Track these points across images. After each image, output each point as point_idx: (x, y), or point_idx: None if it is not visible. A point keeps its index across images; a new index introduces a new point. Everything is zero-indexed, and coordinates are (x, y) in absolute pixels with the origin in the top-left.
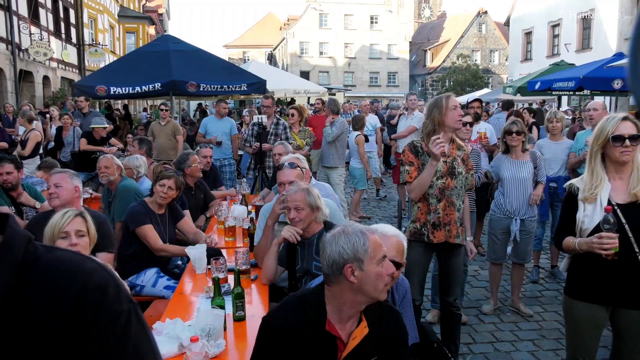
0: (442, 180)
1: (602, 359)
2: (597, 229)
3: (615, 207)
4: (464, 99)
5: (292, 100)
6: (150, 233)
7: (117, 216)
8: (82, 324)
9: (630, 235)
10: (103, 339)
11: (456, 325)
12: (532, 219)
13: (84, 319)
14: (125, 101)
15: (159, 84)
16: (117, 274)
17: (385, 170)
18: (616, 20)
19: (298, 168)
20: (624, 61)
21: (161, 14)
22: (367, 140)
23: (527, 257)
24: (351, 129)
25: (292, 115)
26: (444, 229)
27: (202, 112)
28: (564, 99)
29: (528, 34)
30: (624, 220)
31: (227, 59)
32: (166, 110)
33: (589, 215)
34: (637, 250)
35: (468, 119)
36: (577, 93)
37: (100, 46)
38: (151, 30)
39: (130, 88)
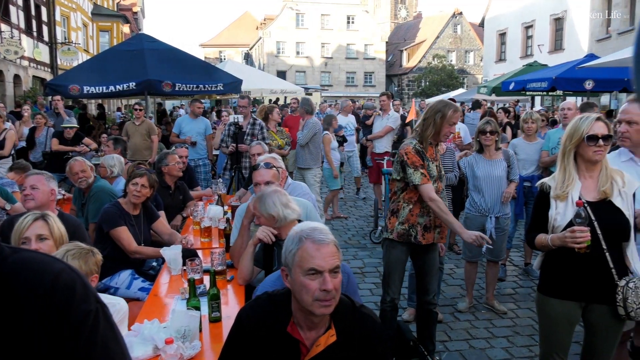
0: (435, 184)
1: (573, 354)
2: (569, 226)
3: (585, 205)
4: (440, 99)
5: (277, 100)
6: (124, 235)
7: (91, 217)
8: (49, 324)
9: (599, 232)
10: (71, 338)
11: (433, 324)
12: (506, 217)
13: (51, 319)
14: (100, 101)
15: (134, 83)
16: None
17: (362, 170)
18: (588, 22)
19: (274, 168)
20: (595, 62)
21: (136, 13)
22: (345, 140)
23: (501, 255)
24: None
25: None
26: (434, 231)
27: (162, 112)
28: (537, 99)
29: (502, 34)
30: (593, 218)
31: (203, 58)
32: (140, 110)
33: (560, 212)
34: (604, 247)
35: None
36: (550, 93)
37: (73, 45)
38: (125, 28)
39: (104, 87)
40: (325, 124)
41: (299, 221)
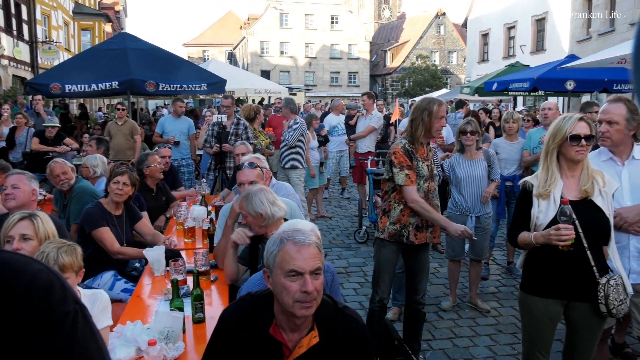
0: (426, 184)
1: (555, 352)
2: (552, 224)
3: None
4: (424, 97)
5: (262, 100)
6: (106, 236)
7: (72, 218)
8: (27, 325)
9: (580, 230)
10: (49, 340)
11: (420, 323)
12: (487, 216)
13: (28, 321)
14: (82, 100)
15: (117, 83)
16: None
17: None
18: (568, 23)
19: (258, 168)
20: (576, 63)
21: (118, 11)
22: (327, 140)
23: (483, 254)
24: None
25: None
26: (427, 231)
27: (134, 111)
28: (520, 99)
29: (485, 35)
30: (574, 216)
31: (186, 58)
32: (123, 110)
33: (543, 210)
34: (586, 245)
35: None
36: (532, 93)
37: (54, 43)
38: (107, 27)
39: (86, 86)
40: (306, 124)
41: (285, 219)
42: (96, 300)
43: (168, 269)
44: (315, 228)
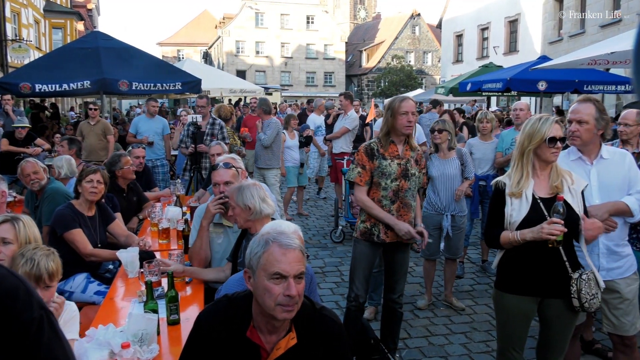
0: (396, 183)
1: (529, 348)
2: (525, 222)
3: (539, 201)
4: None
5: (239, 101)
6: (78, 237)
7: (44, 220)
8: None
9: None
10: (14, 346)
11: (396, 323)
12: (461, 215)
13: None
14: (53, 100)
15: (89, 82)
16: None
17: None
18: (540, 25)
19: (233, 168)
20: (547, 64)
21: (90, 10)
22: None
23: (458, 253)
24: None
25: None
26: None
27: (85, 113)
28: (493, 99)
29: (459, 36)
30: (546, 213)
31: (160, 57)
32: (95, 110)
33: (516, 209)
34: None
35: None
36: (505, 94)
37: (24, 42)
38: (80, 26)
39: (57, 85)
40: (284, 124)
41: (273, 219)
42: (63, 311)
43: (142, 270)
44: (297, 229)
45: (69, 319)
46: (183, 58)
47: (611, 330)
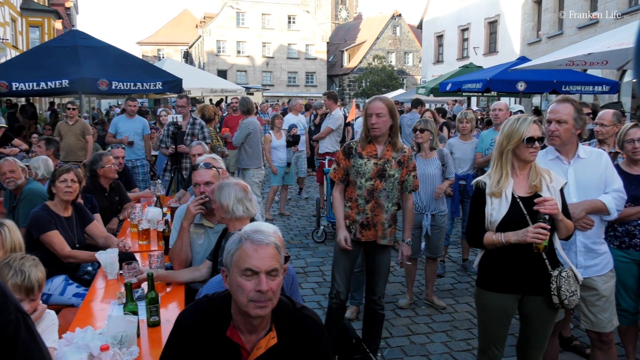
0: (370, 182)
1: (509, 346)
2: (505, 221)
3: (518, 200)
4: None
5: (220, 101)
6: (55, 239)
7: (21, 221)
8: None
9: (531, 224)
10: None
11: (376, 323)
12: (442, 214)
13: None
14: (30, 99)
15: (67, 81)
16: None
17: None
18: (519, 26)
19: (214, 168)
20: (526, 64)
21: (68, 8)
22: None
23: (439, 252)
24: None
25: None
26: (374, 229)
27: (54, 112)
28: (473, 99)
29: (440, 37)
30: (525, 212)
31: (140, 57)
32: (73, 109)
33: (496, 208)
34: None
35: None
36: (485, 94)
37: (1, 40)
38: (57, 24)
39: (35, 84)
40: (270, 124)
41: (252, 220)
42: (42, 320)
43: (122, 272)
44: (277, 231)
45: (46, 327)
46: (163, 57)
47: (589, 327)
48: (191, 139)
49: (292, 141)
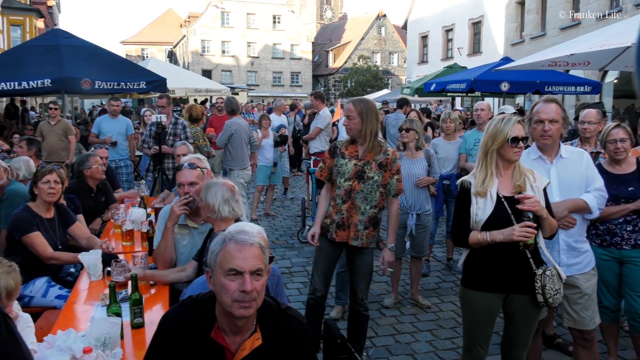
0: (349, 183)
1: (493, 344)
2: (490, 220)
3: (503, 200)
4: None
5: (205, 101)
6: (37, 241)
7: (3, 223)
8: None
9: (515, 224)
10: None
11: (360, 324)
12: (427, 214)
13: None
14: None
15: (49, 80)
16: None
17: (295, 171)
18: (503, 27)
19: (198, 169)
20: (510, 65)
21: (51, 7)
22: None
23: (423, 251)
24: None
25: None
26: (348, 230)
27: (14, 112)
28: (458, 99)
29: (424, 37)
30: (509, 211)
31: (124, 56)
32: (55, 109)
33: (481, 207)
34: None
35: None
36: (469, 94)
37: None
38: (40, 23)
39: (17, 83)
40: (258, 123)
41: (237, 220)
42: (17, 323)
43: (109, 269)
44: (262, 231)
45: (21, 330)
46: (147, 57)
47: (571, 324)
48: (173, 139)
49: (280, 141)
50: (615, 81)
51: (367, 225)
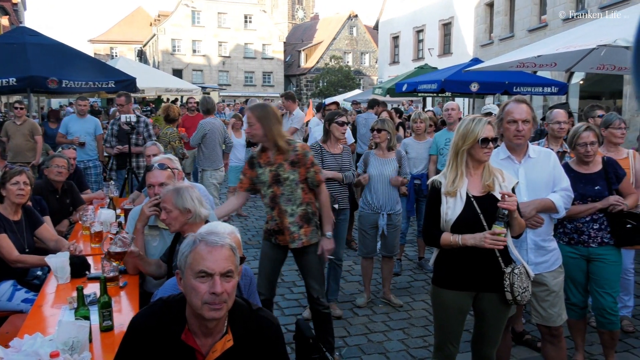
0: (270, 190)
1: (464, 341)
2: (459, 220)
3: (472, 199)
4: (339, 99)
5: (175, 100)
6: (3, 243)
7: None
8: None
9: (485, 224)
10: None
11: (325, 323)
12: (397, 214)
13: None
14: None
15: (14, 79)
16: None
17: None
18: (472, 28)
19: (168, 169)
20: (479, 66)
21: (16, 4)
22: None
23: (395, 250)
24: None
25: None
26: (286, 234)
27: None
28: (429, 100)
29: (395, 38)
30: (479, 211)
31: (92, 55)
32: (21, 109)
33: (451, 207)
34: None
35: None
36: (440, 95)
37: None
38: (4, 21)
39: None
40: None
41: (207, 222)
42: None
43: (110, 235)
44: (235, 231)
45: None
46: (116, 56)
47: (539, 321)
48: (136, 137)
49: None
50: (581, 82)
51: (300, 225)
